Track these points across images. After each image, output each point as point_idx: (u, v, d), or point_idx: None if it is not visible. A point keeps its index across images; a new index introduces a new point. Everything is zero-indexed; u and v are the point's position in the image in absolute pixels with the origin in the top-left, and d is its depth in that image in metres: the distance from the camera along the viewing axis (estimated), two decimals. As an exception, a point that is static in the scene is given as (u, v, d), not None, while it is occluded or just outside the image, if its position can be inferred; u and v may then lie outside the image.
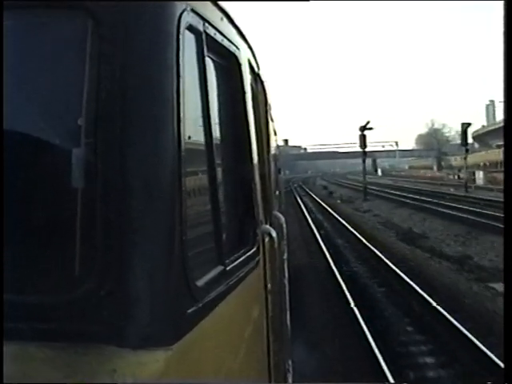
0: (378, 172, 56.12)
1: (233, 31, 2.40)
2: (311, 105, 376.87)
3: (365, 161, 51.09)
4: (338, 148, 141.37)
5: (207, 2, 2.00)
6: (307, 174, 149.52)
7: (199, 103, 1.88)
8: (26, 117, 1.59)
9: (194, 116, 1.85)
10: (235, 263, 2.08)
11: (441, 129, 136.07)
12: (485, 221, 24.74)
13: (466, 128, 50.57)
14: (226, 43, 2.25)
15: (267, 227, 2.97)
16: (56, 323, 1.43)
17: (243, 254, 2.26)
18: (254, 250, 2.43)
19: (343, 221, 28.80)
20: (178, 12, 1.64)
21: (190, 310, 1.57)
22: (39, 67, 1.62)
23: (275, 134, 7.66)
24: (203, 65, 1.88)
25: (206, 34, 1.90)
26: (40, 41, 1.63)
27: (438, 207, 33.94)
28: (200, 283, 1.66)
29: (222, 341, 1.92)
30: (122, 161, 1.47)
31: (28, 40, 1.62)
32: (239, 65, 2.46)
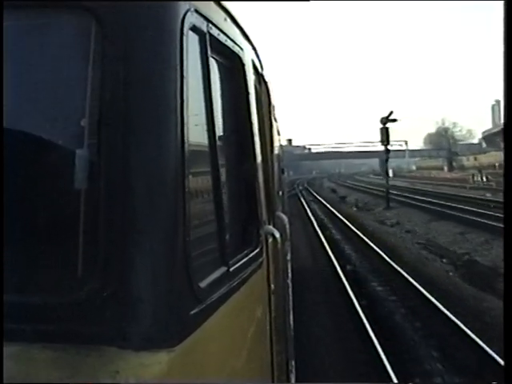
0: (390, 173, 53.27)
1: (236, 32, 2.39)
2: (316, 104, 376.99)
3: (387, 160, 42.65)
4: (344, 147, 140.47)
5: (211, 3, 1.99)
6: (312, 175, 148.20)
7: (203, 104, 1.88)
8: (29, 118, 1.59)
9: (198, 117, 1.85)
10: (238, 264, 2.07)
11: (451, 128, 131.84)
12: None
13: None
14: (230, 44, 2.24)
15: (271, 228, 2.96)
16: (58, 324, 1.42)
17: (246, 255, 2.25)
18: (258, 251, 2.42)
19: (367, 239, 21.16)
20: (182, 12, 1.63)
21: (193, 312, 1.56)
22: (42, 68, 1.61)
23: (278, 135, 7.65)
24: (207, 65, 1.88)
25: (210, 35, 1.90)
26: (43, 41, 1.62)
27: (493, 221, 23.22)
28: (203, 284, 1.65)
29: (225, 342, 1.91)
30: (126, 161, 1.47)
31: (31, 41, 1.61)
32: (243, 65, 2.46)
